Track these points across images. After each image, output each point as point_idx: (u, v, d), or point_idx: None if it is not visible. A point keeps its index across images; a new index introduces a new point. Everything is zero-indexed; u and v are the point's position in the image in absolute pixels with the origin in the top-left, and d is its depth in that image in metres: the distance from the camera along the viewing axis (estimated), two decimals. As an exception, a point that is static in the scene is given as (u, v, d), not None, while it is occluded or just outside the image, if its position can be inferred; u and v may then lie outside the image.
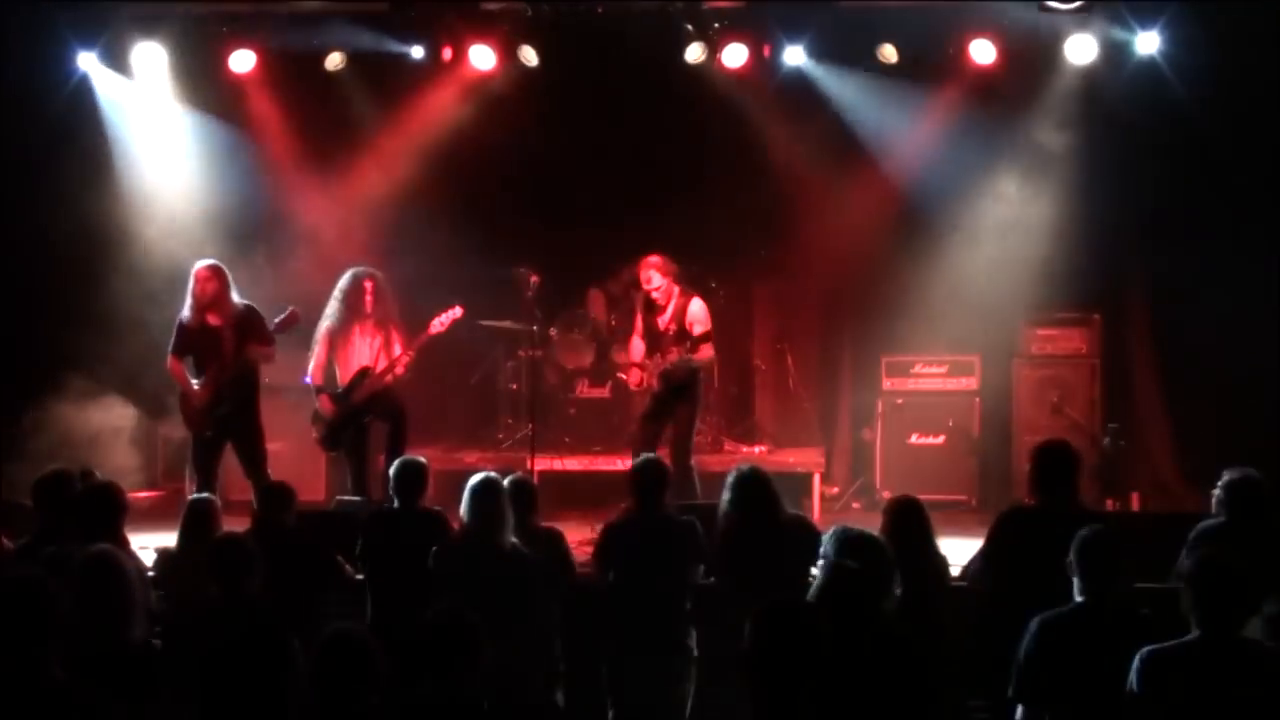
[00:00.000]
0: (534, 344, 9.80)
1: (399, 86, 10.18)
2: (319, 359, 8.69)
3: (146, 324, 9.17)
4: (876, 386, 10.43)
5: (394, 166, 10.25)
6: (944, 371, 10.36)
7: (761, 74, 9.92)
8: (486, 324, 10.03)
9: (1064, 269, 9.89)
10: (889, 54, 9.71)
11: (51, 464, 6.58)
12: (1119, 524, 7.58)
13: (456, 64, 10.02)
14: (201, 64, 10.05)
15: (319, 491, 9.63)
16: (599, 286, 10.72)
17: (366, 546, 6.32)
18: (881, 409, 10.37)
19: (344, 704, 3.91)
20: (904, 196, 10.12)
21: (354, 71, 10.05)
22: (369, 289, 8.69)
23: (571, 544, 6.52)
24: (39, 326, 9.77)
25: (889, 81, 9.83)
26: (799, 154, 10.03)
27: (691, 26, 9.77)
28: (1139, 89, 9.50)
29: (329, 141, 10.28)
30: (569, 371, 10.61)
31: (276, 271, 9.58)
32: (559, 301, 10.34)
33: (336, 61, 9.95)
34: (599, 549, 6.26)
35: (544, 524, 6.44)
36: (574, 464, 9.87)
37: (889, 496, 6.85)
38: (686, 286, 8.81)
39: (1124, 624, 4.61)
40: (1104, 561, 4.69)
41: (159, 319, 8.71)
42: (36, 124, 9.70)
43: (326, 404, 8.66)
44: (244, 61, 10.00)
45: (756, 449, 10.30)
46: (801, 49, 9.75)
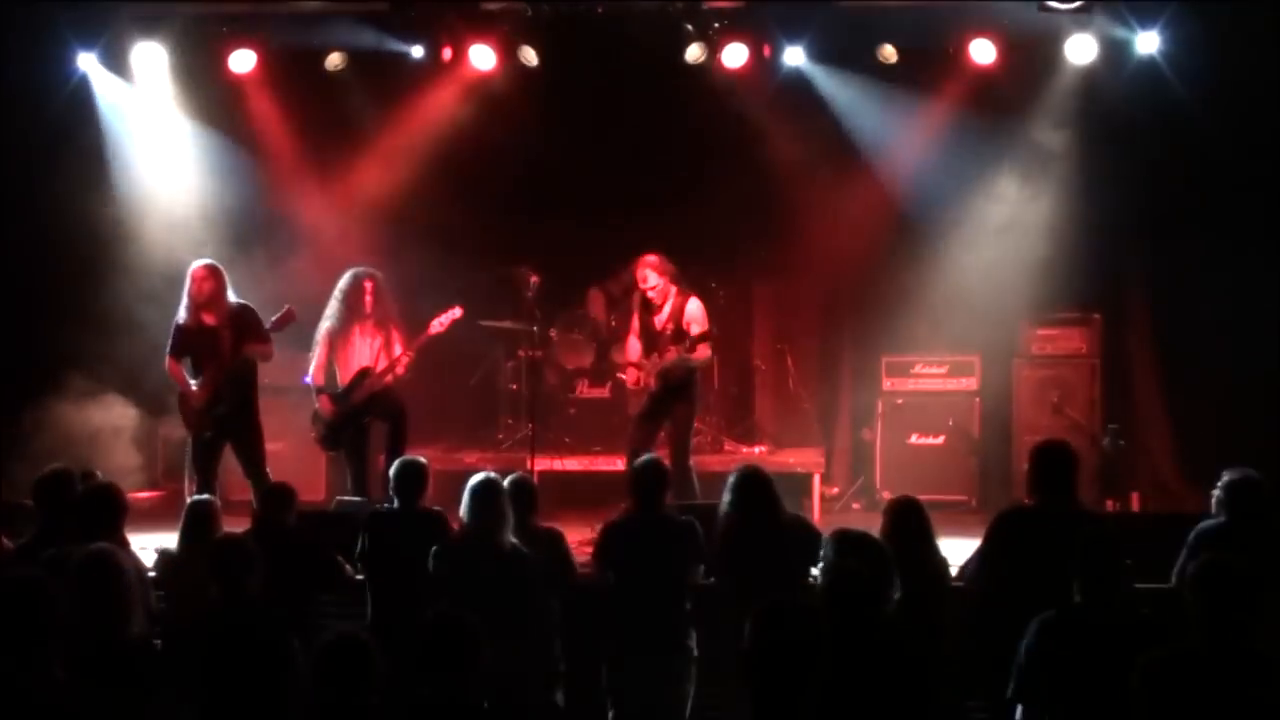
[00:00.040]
0: (534, 344, 9.78)
1: (399, 86, 10.17)
2: (319, 360, 8.69)
3: (147, 323, 9.16)
4: (876, 386, 10.43)
5: (394, 166, 10.22)
6: (944, 371, 10.36)
7: (761, 74, 9.92)
8: (486, 324, 10.04)
9: (1064, 269, 9.88)
10: (889, 54, 9.72)
11: (52, 463, 6.57)
12: (1119, 524, 7.66)
13: (456, 64, 10.02)
14: (201, 64, 10.05)
15: (319, 491, 9.62)
16: (599, 286, 10.72)
17: (366, 547, 6.32)
18: (881, 409, 10.36)
19: (344, 706, 3.91)
20: (904, 197, 10.11)
21: (354, 71, 10.04)
22: (369, 289, 8.68)
23: (571, 544, 6.51)
24: (39, 326, 9.76)
25: (889, 82, 9.83)
26: (799, 154, 10.01)
27: (691, 26, 9.77)
28: (1139, 89, 9.51)
29: (329, 142, 10.27)
30: (569, 372, 10.61)
31: (276, 271, 9.56)
32: (559, 301, 10.33)
33: (336, 61, 9.94)
34: (599, 549, 6.26)
35: (544, 524, 6.44)
36: (574, 464, 9.87)
37: (889, 497, 6.85)
38: (684, 286, 8.80)
39: (1124, 624, 4.61)
40: (1104, 562, 4.69)
41: (159, 318, 8.70)
42: (37, 124, 9.71)
43: (326, 404, 8.65)
44: (244, 61, 10.00)
45: (756, 449, 10.29)
46: (801, 49, 9.75)
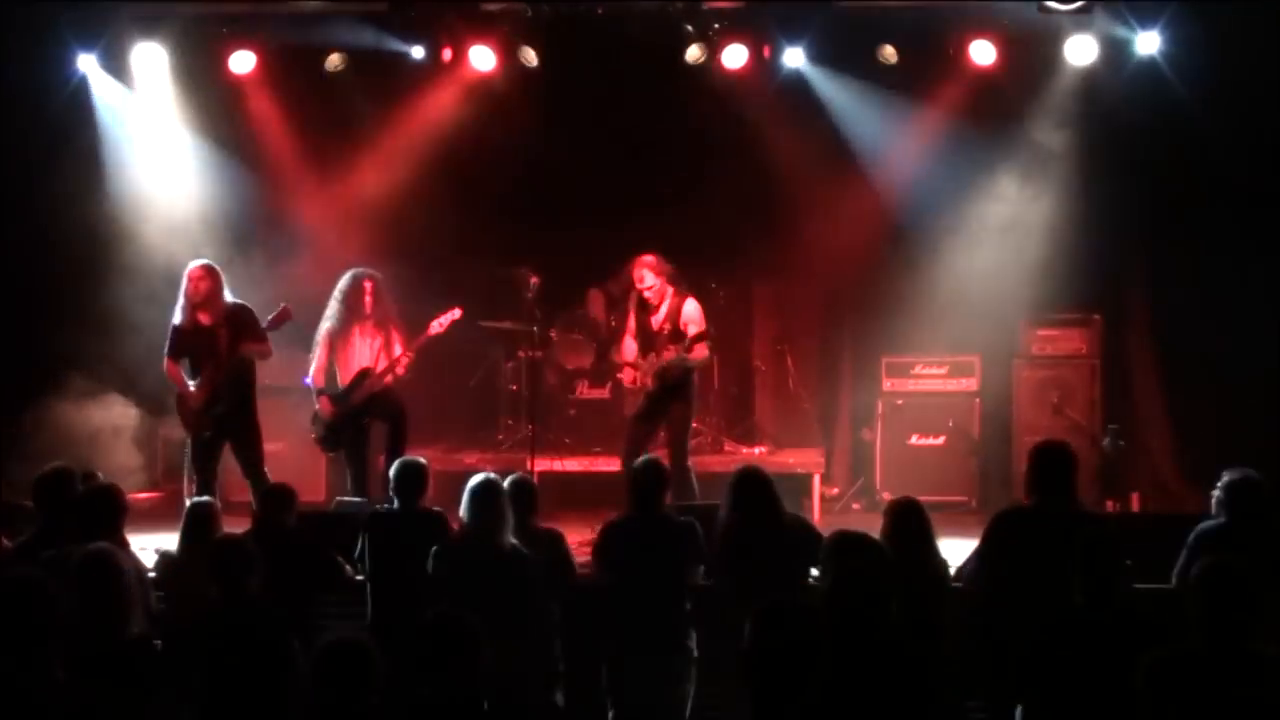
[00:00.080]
0: (534, 345, 9.78)
1: (399, 86, 10.16)
2: (320, 361, 8.69)
3: (147, 324, 9.14)
4: (877, 387, 10.42)
5: (394, 166, 10.21)
6: (944, 372, 10.35)
7: (761, 74, 9.91)
8: (486, 325, 10.04)
9: (1064, 269, 9.88)
10: (889, 54, 9.71)
11: (52, 463, 6.57)
12: (1119, 524, 7.67)
13: (456, 64, 10.01)
14: (201, 65, 10.04)
15: (319, 492, 9.61)
16: (599, 287, 10.71)
17: (366, 547, 6.32)
18: (882, 409, 10.35)
19: (344, 706, 3.91)
20: (904, 198, 10.10)
21: (354, 71, 10.03)
22: (368, 289, 8.68)
23: (571, 544, 6.51)
24: (39, 326, 9.76)
25: (889, 83, 9.83)
26: (799, 154, 10.01)
27: (691, 27, 9.77)
28: (1139, 89, 9.50)
29: (329, 142, 10.27)
30: (569, 372, 10.60)
31: (276, 272, 9.56)
32: (559, 302, 10.33)
33: (336, 62, 9.93)
34: (598, 549, 6.26)
35: (544, 524, 6.44)
36: (574, 465, 9.86)
37: (889, 497, 6.86)
38: (681, 287, 8.77)
39: (1124, 625, 4.61)
40: (1104, 562, 4.69)
41: (159, 319, 8.69)
42: (37, 124, 9.71)
43: (326, 406, 8.65)
44: (244, 62, 9.99)
45: (756, 450, 10.28)
46: (801, 50, 9.75)
